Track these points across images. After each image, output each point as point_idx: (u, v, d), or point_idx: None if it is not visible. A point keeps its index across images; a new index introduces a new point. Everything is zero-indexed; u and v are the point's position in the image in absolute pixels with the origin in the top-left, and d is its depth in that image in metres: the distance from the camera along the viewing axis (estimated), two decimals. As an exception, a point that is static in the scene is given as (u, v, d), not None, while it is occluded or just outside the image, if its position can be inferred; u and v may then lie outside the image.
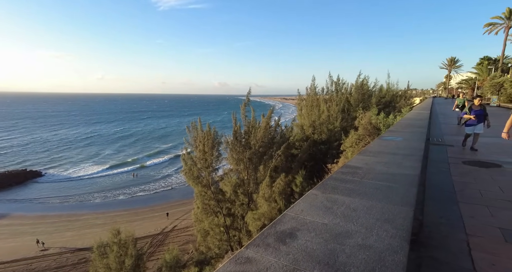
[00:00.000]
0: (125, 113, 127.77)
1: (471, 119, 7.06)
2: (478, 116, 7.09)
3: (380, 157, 3.17)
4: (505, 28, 42.41)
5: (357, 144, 13.62)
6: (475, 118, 7.05)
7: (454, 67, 70.74)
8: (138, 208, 26.99)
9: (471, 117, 7.05)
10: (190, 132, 13.76)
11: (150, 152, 50.39)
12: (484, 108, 7.19)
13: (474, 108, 7.20)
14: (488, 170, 5.35)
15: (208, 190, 13.75)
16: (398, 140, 4.29)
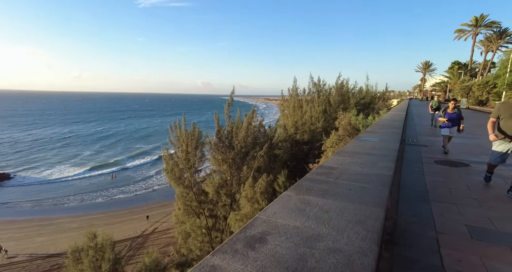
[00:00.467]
0: (105, 113, 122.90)
1: (445, 122, 7.10)
2: (452, 120, 7.14)
3: (356, 157, 3.21)
4: (472, 35, 44.96)
5: (337, 144, 13.92)
6: (449, 122, 7.10)
7: (428, 70, 74.16)
8: (117, 210, 26.07)
9: (445, 120, 7.10)
10: (173, 132, 13.49)
11: (131, 152, 48.78)
12: (459, 112, 7.22)
13: (448, 111, 7.25)
14: (457, 169, 5.59)
15: (190, 191, 13.52)
16: (374, 140, 4.37)
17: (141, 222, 24.85)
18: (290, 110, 20.72)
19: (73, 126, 78.31)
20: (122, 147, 53.82)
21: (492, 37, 42.39)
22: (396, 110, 12.07)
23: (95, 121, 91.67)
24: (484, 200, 3.95)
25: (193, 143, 13.29)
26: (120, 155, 47.19)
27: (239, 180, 13.61)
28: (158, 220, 25.69)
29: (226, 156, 13.44)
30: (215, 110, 14.18)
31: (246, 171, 13.48)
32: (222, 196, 13.64)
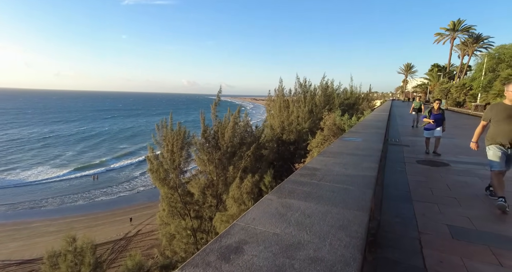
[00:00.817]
0: (87, 112, 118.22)
1: (430, 123, 6.96)
2: (437, 121, 6.99)
3: (339, 157, 3.16)
4: (450, 39, 46.74)
5: (323, 144, 14.04)
6: (434, 123, 6.95)
7: (410, 72, 76.49)
8: (99, 213, 25.20)
9: (430, 121, 6.95)
10: (159, 131, 13.19)
11: (116, 153, 47.23)
12: (443, 112, 7.14)
13: (433, 112, 7.10)
14: (438, 168, 5.70)
15: (175, 192, 13.25)
16: (358, 140, 4.36)
17: (124, 224, 24.15)
18: (276, 110, 20.78)
19: (53, 126, 74.87)
20: (106, 147, 52.08)
21: (468, 41, 44.22)
22: (379, 111, 12.28)
23: (77, 120, 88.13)
24: (464, 199, 4.02)
25: (179, 143, 13.04)
26: (104, 155, 45.67)
27: (226, 180, 13.48)
28: (142, 221, 25.04)
29: (212, 156, 13.28)
30: (201, 110, 14.00)
31: (233, 171, 13.36)
32: (208, 196, 13.47)
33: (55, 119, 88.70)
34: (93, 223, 23.45)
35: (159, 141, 13.22)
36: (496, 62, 20.96)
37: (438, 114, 7.05)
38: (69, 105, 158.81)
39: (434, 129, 7.02)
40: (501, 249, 2.70)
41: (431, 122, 6.95)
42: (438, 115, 7.03)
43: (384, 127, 6.25)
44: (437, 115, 7.03)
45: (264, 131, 19.29)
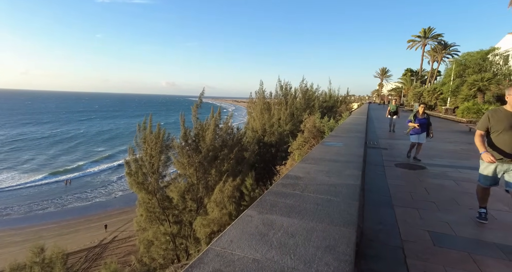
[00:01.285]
0: (60, 114, 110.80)
1: (415, 128, 6.71)
2: (421, 125, 6.76)
3: (321, 164, 3.04)
4: (421, 45, 49.12)
5: (303, 146, 14.11)
6: (419, 127, 6.71)
7: (385, 76, 79.60)
8: (71, 219, 23.78)
9: (415, 126, 6.69)
10: (140, 133, 12.64)
11: (93, 157, 44.54)
12: (428, 117, 6.90)
13: (418, 116, 6.85)
14: (415, 172, 5.79)
15: (153, 197, 12.73)
16: (339, 145, 4.29)
17: (99, 230, 22.94)
18: (258, 113, 20.71)
19: (23, 128, 69.33)
20: (82, 150, 49.15)
21: (437, 48, 46.70)
22: (357, 114, 12.51)
23: (49, 122, 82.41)
24: (442, 203, 4.06)
25: (158, 146, 12.58)
26: (79, 159, 43.10)
27: (206, 184, 13.16)
28: (119, 227, 23.94)
29: (193, 160, 12.93)
30: (181, 112, 13.66)
31: (214, 175, 13.08)
32: (187, 201, 13.09)
33: (24, 121, 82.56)
34: (65, 230, 22.06)
35: (139, 143, 12.69)
36: (463, 68, 22.25)
37: (423, 118, 6.86)
38: (40, 106, 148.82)
39: (420, 133, 6.81)
40: (481, 255, 2.69)
41: (416, 126, 6.72)
42: (423, 119, 6.84)
43: (364, 130, 6.29)
44: (422, 120, 6.84)
45: (246, 134, 19.17)
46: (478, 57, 21.54)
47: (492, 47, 22.80)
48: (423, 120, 6.85)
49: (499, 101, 17.52)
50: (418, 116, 6.89)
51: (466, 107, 17.10)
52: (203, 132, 13.13)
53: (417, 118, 6.86)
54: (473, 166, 6.33)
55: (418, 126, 6.72)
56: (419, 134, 6.82)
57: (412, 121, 6.82)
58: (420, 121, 6.81)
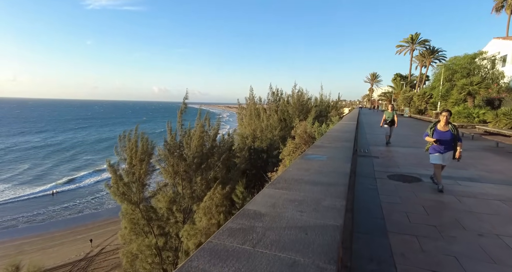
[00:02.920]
0: (55, 122, 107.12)
1: (434, 144, 4.86)
2: (443, 142, 4.76)
3: (295, 189, 2.33)
4: (410, 51, 49.41)
5: (294, 152, 13.53)
6: (439, 144, 4.77)
7: (375, 81, 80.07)
8: (56, 232, 22.52)
9: (432, 141, 4.83)
10: (120, 142, 11.94)
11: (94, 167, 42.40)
12: (454, 128, 4.80)
13: (439, 128, 4.87)
14: (410, 185, 5.11)
15: (137, 208, 11.87)
16: (322, 159, 3.59)
17: (85, 242, 21.72)
18: (248, 118, 20.17)
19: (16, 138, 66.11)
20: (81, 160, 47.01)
21: (425, 53, 46.98)
22: (347, 120, 11.88)
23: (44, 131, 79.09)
24: (444, 227, 3.36)
25: (138, 154, 11.82)
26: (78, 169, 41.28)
27: (192, 193, 12.40)
28: (106, 238, 22.76)
29: (178, 168, 12.20)
30: (168, 120, 13.00)
31: (200, 183, 12.34)
32: (174, 211, 12.30)
33: (17, 130, 79.31)
34: (49, 243, 20.81)
35: (120, 152, 11.95)
36: (452, 72, 22.03)
37: (447, 131, 4.77)
38: (31, 114, 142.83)
39: (443, 152, 4.78)
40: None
41: (434, 142, 4.82)
42: (446, 133, 4.77)
43: (352, 139, 5.60)
44: (445, 134, 4.77)
45: (236, 140, 18.56)
46: (465, 61, 21.35)
47: (479, 51, 22.64)
48: (447, 133, 4.78)
49: (489, 105, 17.22)
50: (438, 129, 4.88)
51: (456, 111, 16.76)
52: (188, 139, 12.46)
53: (437, 131, 4.86)
54: (472, 176, 5.70)
55: (437, 143, 4.78)
56: (442, 153, 4.82)
57: (430, 135, 4.94)
58: (441, 136, 4.77)
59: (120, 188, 11.44)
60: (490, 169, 6.34)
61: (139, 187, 11.76)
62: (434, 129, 4.92)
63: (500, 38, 25.51)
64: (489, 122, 13.80)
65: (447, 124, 4.83)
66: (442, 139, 4.77)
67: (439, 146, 4.82)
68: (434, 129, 4.92)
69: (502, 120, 12.41)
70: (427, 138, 5.02)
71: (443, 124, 4.84)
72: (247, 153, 17.39)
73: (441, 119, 4.86)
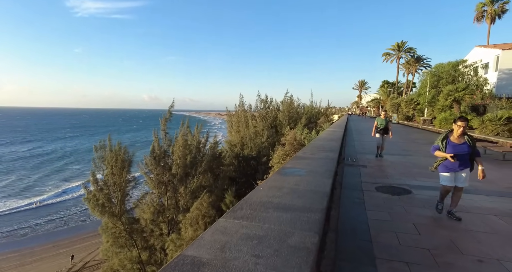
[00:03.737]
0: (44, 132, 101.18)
1: (447, 160, 3.78)
2: (459, 157, 3.72)
3: (259, 219, 1.86)
4: (396, 58, 50.29)
5: (284, 159, 13.19)
6: (455, 160, 3.70)
7: (364, 88, 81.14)
8: (36, 246, 21.24)
9: (447, 156, 3.73)
10: (97, 152, 11.32)
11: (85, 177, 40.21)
12: (471, 140, 3.77)
13: (452, 140, 3.83)
14: (399, 198, 4.69)
15: (118, 221, 11.17)
16: (301, 174, 3.14)
17: (68, 257, 20.52)
18: (236, 126, 19.85)
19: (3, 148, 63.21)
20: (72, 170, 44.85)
21: (410, 61, 47.86)
22: (334, 127, 11.53)
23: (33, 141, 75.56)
24: (439, 251, 2.92)
25: (118, 164, 11.24)
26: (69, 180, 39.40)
27: (177, 203, 11.81)
28: (91, 252, 21.58)
29: (163, 178, 11.64)
30: (154, 129, 12.52)
31: (185, 193, 11.78)
32: (159, 223, 11.65)
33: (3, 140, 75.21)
34: (28, 259, 19.54)
35: (97, 163, 11.32)
36: (437, 79, 22.23)
37: (463, 143, 3.76)
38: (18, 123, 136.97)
39: (457, 170, 3.79)
40: None
41: (448, 158, 3.72)
42: (462, 145, 3.75)
43: (338, 149, 5.20)
44: (461, 147, 3.75)
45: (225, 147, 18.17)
46: (449, 68, 21.61)
47: (462, 59, 23.00)
48: (463, 146, 3.75)
49: (474, 111, 17.30)
50: (451, 141, 3.84)
51: (443, 117, 16.74)
52: (174, 148, 11.98)
53: (451, 144, 3.82)
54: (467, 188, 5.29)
55: (453, 159, 3.69)
56: (456, 171, 3.81)
57: (442, 149, 3.86)
58: (457, 150, 3.75)
59: (100, 200, 10.78)
60: (481, 178, 6.01)
61: (121, 198, 11.13)
62: (447, 142, 3.85)
63: (482, 46, 26.04)
64: (475, 129, 13.73)
65: (462, 135, 3.83)
66: (458, 153, 3.75)
67: (454, 163, 3.76)
68: (447, 142, 3.85)
69: (488, 126, 12.32)
70: (438, 152, 3.91)
71: (458, 135, 3.81)
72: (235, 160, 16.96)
73: (456, 130, 3.81)
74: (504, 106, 14.76)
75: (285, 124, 19.64)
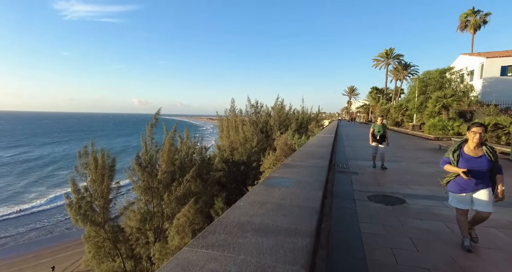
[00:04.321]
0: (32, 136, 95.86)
1: (461, 177, 2.98)
2: (475, 174, 2.95)
3: (233, 247, 1.51)
4: (385, 65, 51.15)
5: (275, 164, 12.98)
6: (469, 177, 2.93)
7: (353, 94, 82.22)
8: (14, 257, 20.07)
9: (459, 171, 2.96)
10: (80, 158, 10.80)
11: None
12: (491, 153, 2.96)
13: (467, 152, 3.06)
14: (394, 209, 4.40)
15: (101, 229, 10.61)
16: (288, 185, 2.80)
17: (49, 268, 19.42)
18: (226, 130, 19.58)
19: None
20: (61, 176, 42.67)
21: (399, 67, 48.75)
22: (325, 132, 11.30)
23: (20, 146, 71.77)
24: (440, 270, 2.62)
25: (99, 170, 10.77)
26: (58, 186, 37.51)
27: (163, 210, 11.36)
28: (74, 261, 20.53)
29: (149, 184, 11.19)
30: (142, 133, 12.10)
31: (169, 199, 11.36)
32: (144, 231, 11.14)
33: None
34: (4, 271, 18.39)
35: (80, 170, 10.80)
36: (425, 85, 22.55)
37: (482, 157, 2.98)
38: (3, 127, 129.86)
39: (473, 190, 3.02)
40: None
41: (461, 174, 2.94)
42: (481, 160, 2.97)
43: (328, 155, 4.91)
44: (479, 160, 2.98)
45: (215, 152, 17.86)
46: (437, 75, 21.97)
47: (448, 66, 23.43)
48: (481, 161, 2.98)
49: (461, 117, 17.47)
50: (465, 153, 3.06)
51: (432, 123, 16.83)
52: (162, 154, 11.61)
53: (465, 158, 3.04)
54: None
55: (467, 176, 2.92)
56: (471, 191, 3.05)
57: (453, 162, 3.09)
58: (473, 165, 2.97)
59: (82, 207, 10.22)
60: (474, 185, 5.82)
61: (103, 205, 10.60)
62: (460, 154, 3.07)
63: (467, 54, 26.65)
64: (464, 135, 13.74)
65: (480, 146, 3.02)
66: (475, 169, 2.93)
67: (469, 181, 2.97)
68: (460, 154, 3.07)
69: (476, 132, 12.26)
70: (448, 166, 3.12)
71: (474, 146, 3.00)
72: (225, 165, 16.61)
73: (471, 138, 3.01)
74: (491, 112, 14.93)
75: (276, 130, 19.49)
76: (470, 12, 33.97)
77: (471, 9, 33.94)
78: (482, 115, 14.82)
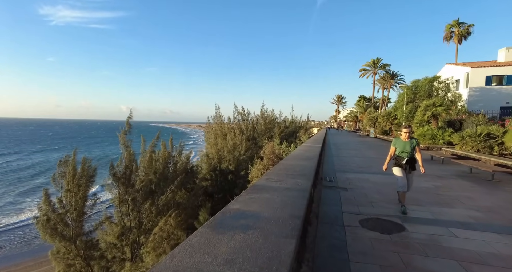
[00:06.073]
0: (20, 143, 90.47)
1: None
2: None
3: None
4: (372, 74, 51.47)
5: (262, 173, 12.23)
6: None
7: (341, 103, 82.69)
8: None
9: None
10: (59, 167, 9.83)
11: None
12: None
13: None
14: (391, 238, 3.50)
15: (72, 245, 9.42)
16: (247, 228, 1.90)
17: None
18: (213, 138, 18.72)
19: None
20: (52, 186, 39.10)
21: (386, 76, 49.08)
22: (312, 142, 10.45)
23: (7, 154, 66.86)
24: None
25: (76, 180, 9.80)
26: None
27: (140, 224, 10.27)
28: (49, 276, 18.78)
29: (125, 196, 10.13)
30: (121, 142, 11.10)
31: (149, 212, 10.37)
32: (120, 247, 10.00)
33: None
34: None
35: (57, 180, 9.80)
36: (414, 93, 22.30)
37: None
38: None
39: None
40: None
41: None
42: None
43: (313, 170, 4.03)
44: None
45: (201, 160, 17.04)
46: (425, 83, 21.80)
47: (435, 75, 23.32)
48: None
49: (450, 126, 17.06)
50: None
51: (422, 132, 16.34)
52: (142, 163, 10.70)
53: None
54: (465, 220, 4.24)
55: None
56: None
57: None
58: None
59: (51, 220, 9.09)
60: (478, 205, 5.00)
61: (75, 218, 9.45)
62: None
63: (452, 64, 26.73)
64: (455, 145, 13.25)
65: None
66: None
67: None
68: None
69: (468, 142, 11.78)
70: None
71: None
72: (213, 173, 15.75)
73: None
74: (480, 122, 14.54)
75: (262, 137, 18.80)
76: (455, 23, 34.56)
77: (456, 20, 34.55)
78: (471, 125, 14.41)
